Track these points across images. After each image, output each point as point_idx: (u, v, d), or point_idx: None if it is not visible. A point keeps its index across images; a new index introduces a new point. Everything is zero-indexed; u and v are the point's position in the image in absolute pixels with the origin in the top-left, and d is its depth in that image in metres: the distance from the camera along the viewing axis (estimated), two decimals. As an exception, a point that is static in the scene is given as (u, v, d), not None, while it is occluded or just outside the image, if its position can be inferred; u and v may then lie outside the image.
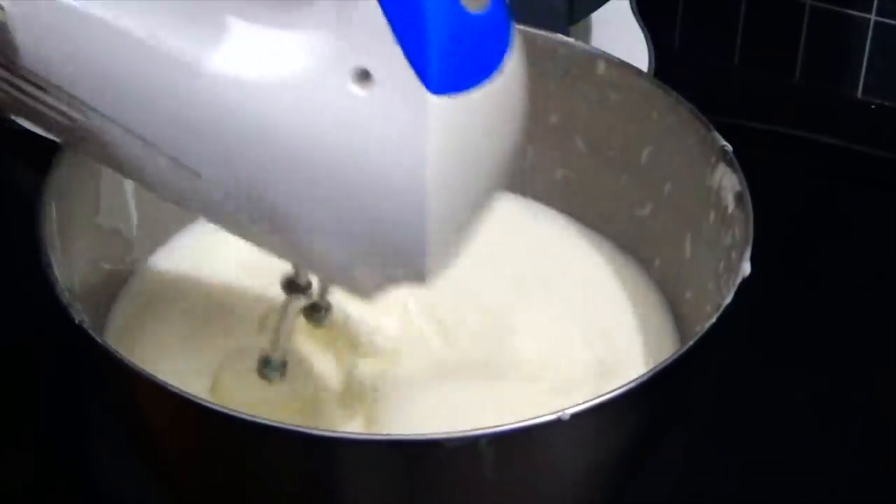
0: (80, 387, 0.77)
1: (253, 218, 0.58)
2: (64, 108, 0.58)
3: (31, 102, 0.59)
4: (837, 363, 0.82)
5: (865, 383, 0.81)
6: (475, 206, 0.58)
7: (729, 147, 0.71)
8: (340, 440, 0.59)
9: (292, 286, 0.65)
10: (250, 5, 0.55)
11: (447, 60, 0.53)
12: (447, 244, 0.57)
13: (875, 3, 0.98)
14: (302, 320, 0.68)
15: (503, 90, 0.55)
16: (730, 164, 0.70)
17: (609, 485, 0.67)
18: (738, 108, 0.96)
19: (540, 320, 0.73)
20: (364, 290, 0.60)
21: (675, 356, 0.62)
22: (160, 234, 0.77)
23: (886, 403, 0.80)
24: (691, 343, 0.63)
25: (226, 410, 0.59)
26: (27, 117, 0.61)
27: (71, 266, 0.68)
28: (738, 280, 0.65)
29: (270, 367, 0.66)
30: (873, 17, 0.98)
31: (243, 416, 0.58)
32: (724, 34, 1.03)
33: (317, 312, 0.68)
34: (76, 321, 0.62)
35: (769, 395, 0.80)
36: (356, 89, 0.53)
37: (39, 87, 0.58)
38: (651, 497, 0.74)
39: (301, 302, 0.65)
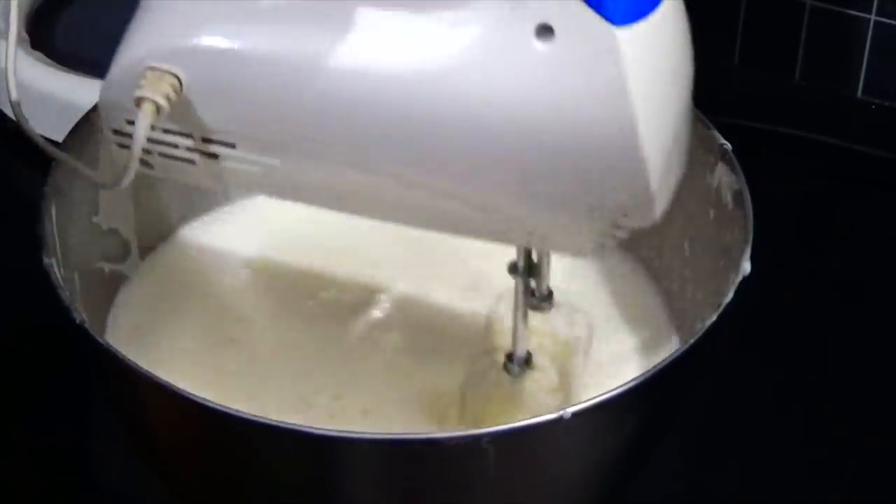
0: (80, 387, 0.77)
1: (463, 208, 0.58)
2: (254, 157, 0.59)
3: (220, 164, 0.60)
4: (837, 362, 0.82)
5: (865, 382, 0.81)
6: (677, 131, 0.59)
7: (728, 146, 0.71)
8: (341, 439, 0.59)
9: (518, 270, 0.65)
10: None
11: None
12: (665, 172, 0.58)
13: (875, 3, 0.98)
14: None
15: (675, 9, 0.57)
16: (729, 162, 0.71)
17: (609, 484, 0.67)
18: (738, 108, 0.96)
19: (540, 317, 0.73)
20: (590, 249, 0.60)
21: (674, 355, 0.62)
22: (159, 234, 0.77)
23: (886, 403, 0.80)
24: (691, 342, 0.63)
25: (226, 409, 0.58)
26: (216, 182, 0.62)
27: (71, 266, 0.68)
28: (738, 279, 0.65)
29: (514, 362, 0.67)
30: (873, 17, 0.98)
31: (243, 416, 0.58)
32: (724, 34, 1.03)
33: (539, 299, 0.69)
34: (76, 321, 0.62)
35: (768, 395, 0.80)
36: (540, 46, 0.54)
37: (228, 145, 0.59)
38: (651, 497, 0.74)
39: (527, 284, 0.65)
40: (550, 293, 0.69)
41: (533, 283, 0.67)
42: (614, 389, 0.60)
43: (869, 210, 0.93)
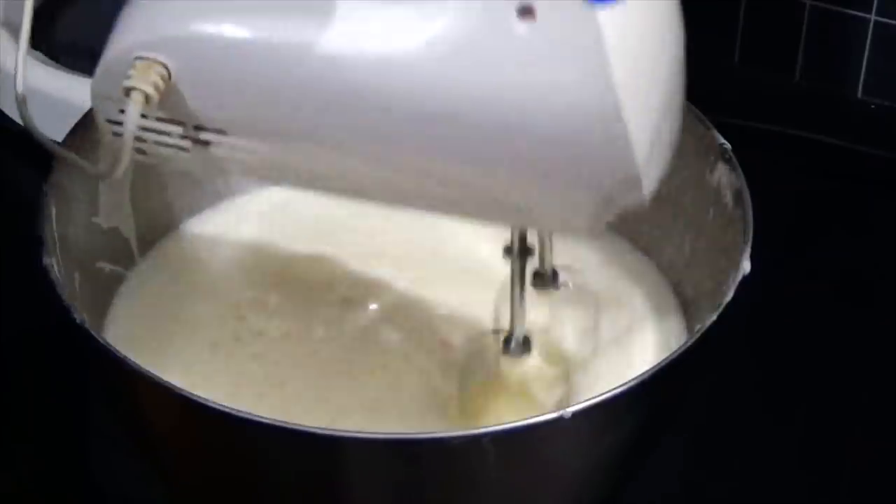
0: (80, 387, 0.77)
1: (452, 189, 0.59)
2: (244, 143, 0.60)
3: (212, 150, 0.60)
4: (837, 362, 0.82)
5: (865, 382, 0.81)
6: (667, 108, 0.58)
7: (728, 145, 0.71)
8: (342, 439, 0.59)
9: (513, 251, 0.65)
10: None
11: None
12: (653, 151, 0.57)
13: (875, 3, 0.98)
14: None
15: None
16: (729, 162, 0.71)
17: (609, 483, 0.67)
18: (738, 107, 0.96)
19: (540, 316, 0.73)
20: (584, 228, 0.60)
21: (674, 355, 0.62)
22: (160, 232, 0.77)
23: (886, 404, 0.80)
24: (691, 341, 0.63)
25: (226, 409, 0.58)
26: (210, 168, 0.62)
27: (71, 266, 0.68)
28: (738, 279, 0.65)
29: (514, 344, 0.66)
30: (873, 17, 0.98)
31: (244, 415, 0.58)
32: (724, 34, 1.03)
33: (542, 279, 0.68)
34: (76, 321, 0.62)
35: (768, 394, 0.80)
36: (520, 28, 0.54)
37: (218, 132, 0.60)
38: (651, 497, 0.74)
39: (523, 266, 0.65)
40: (556, 273, 0.69)
41: (536, 265, 0.67)
42: (614, 389, 0.60)
43: (869, 210, 0.93)
